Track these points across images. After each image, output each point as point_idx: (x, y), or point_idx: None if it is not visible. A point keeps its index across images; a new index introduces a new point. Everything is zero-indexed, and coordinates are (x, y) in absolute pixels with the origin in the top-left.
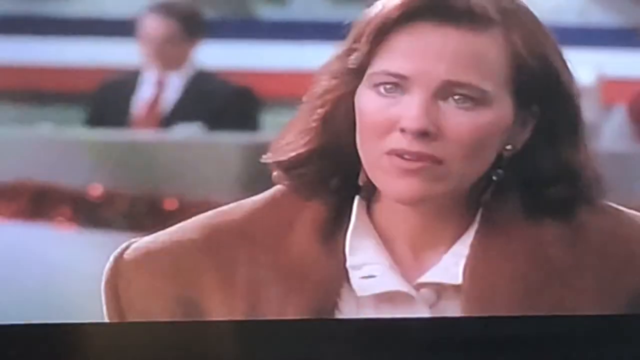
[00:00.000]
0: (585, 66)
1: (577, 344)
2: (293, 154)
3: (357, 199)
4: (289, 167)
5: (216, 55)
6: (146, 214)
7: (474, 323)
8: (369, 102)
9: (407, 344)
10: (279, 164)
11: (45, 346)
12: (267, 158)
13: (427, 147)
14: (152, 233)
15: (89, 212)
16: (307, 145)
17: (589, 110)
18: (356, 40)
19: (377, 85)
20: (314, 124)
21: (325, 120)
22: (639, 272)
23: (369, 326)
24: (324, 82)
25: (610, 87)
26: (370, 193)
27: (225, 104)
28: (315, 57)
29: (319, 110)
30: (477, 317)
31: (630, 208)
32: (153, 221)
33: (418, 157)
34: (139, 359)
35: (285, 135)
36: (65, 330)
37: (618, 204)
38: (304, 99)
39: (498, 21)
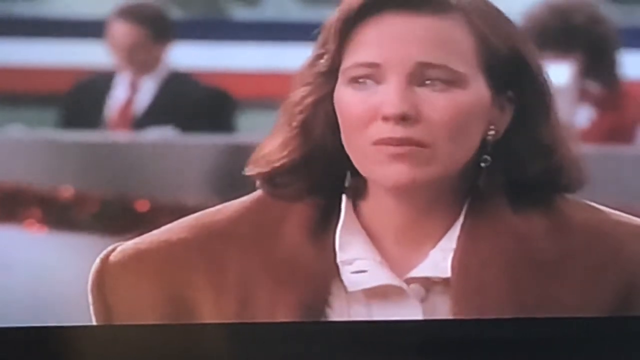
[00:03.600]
0: (559, 66)
1: (568, 346)
2: (274, 165)
3: (344, 198)
4: (272, 177)
5: (188, 56)
6: (117, 215)
7: (466, 324)
8: (347, 98)
9: (399, 345)
10: (260, 176)
11: (19, 349)
12: (248, 170)
13: (410, 132)
14: (123, 235)
15: (59, 214)
16: (289, 155)
17: (564, 110)
18: (324, 44)
19: (352, 80)
20: (295, 132)
21: (305, 126)
22: (623, 267)
23: (361, 328)
24: (299, 90)
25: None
26: (357, 193)
27: (199, 105)
28: (287, 57)
29: (298, 118)
30: (469, 319)
31: None
32: (124, 223)
33: (403, 142)
34: None
35: (265, 146)
36: (40, 333)
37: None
38: (281, 109)
39: (457, 6)
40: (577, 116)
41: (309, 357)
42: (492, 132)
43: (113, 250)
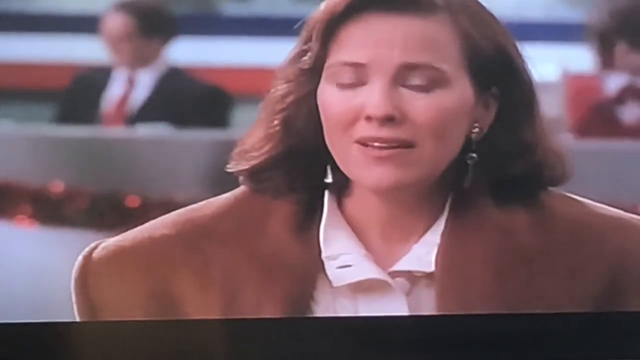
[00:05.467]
0: (549, 62)
1: (554, 342)
2: (255, 161)
3: (326, 194)
4: (254, 173)
5: (179, 52)
6: (108, 211)
7: (454, 321)
8: (331, 97)
9: (387, 341)
10: (243, 172)
11: (8, 345)
12: (231, 167)
13: (394, 132)
14: (114, 230)
15: (50, 210)
16: (270, 151)
17: (553, 106)
18: (307, 41)
19: (337, 79)
20: (276, 128)
21: (287, 124)
22: (607, 259)
23: (348, 323)
24: (281, 87)
25: (575, 83)
26: (340, 189)
27: (195, 102)
28: (278, 53)
29: (280, 115)
30: (457, 315)
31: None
32: (115, 219)
33: (387, 142)
34: (113, 358)
35: (246, 142)
36: (30, 329)
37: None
38: (262, 104)
39: (442, 6)
40: (626, 113)
41: (296, 352)
42: (476, 130)
43: (96, 247)
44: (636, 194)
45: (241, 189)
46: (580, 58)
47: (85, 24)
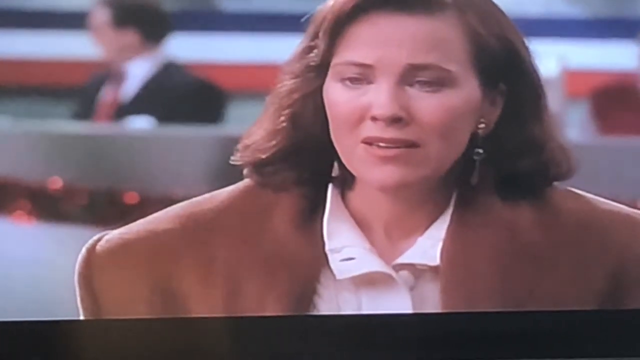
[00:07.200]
0: (549, 57)
1: (558, 339)
2: (262, 155)
3: (330, 187)
4: (260, 166)
5: (177, 48)
6: (106, 207)
7: (458, 318)
8: (337, 95)
9: (391, 339)
10: (248, 164)
11: (6, 343)
12: (235, 159)
13: (400, 133)
14: (112, 227)
15: (48, 206)
16: (277, 145)
17: (552, 102)
18: (314, 37)
19: (343, 77)
20: (283, 124)
21: (293, 119)
22: (612, 256)
23: (353, 321)
24: (288, 82)
25: (574, 78)
26: (344, 183)
27: (188, 97)
28: (276, 49)
29: (286, 111)
30: (461, 312)
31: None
32: (113, 215)
33: (393, 142)
34: (115, 355)
35: (252, 135)
36: (28, 327)
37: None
38: (268, 99)
39: (451, 4)
40: None
41: (299, 349)
42: (482, 126)
43: (99, 239)
44: (636, 189)
45: (244, 182)
46: (579, 54)
47: (82, 21)
